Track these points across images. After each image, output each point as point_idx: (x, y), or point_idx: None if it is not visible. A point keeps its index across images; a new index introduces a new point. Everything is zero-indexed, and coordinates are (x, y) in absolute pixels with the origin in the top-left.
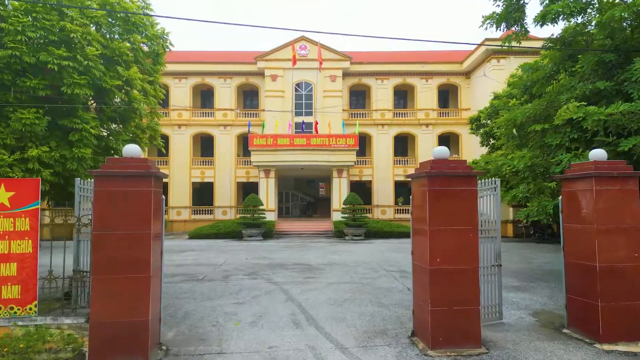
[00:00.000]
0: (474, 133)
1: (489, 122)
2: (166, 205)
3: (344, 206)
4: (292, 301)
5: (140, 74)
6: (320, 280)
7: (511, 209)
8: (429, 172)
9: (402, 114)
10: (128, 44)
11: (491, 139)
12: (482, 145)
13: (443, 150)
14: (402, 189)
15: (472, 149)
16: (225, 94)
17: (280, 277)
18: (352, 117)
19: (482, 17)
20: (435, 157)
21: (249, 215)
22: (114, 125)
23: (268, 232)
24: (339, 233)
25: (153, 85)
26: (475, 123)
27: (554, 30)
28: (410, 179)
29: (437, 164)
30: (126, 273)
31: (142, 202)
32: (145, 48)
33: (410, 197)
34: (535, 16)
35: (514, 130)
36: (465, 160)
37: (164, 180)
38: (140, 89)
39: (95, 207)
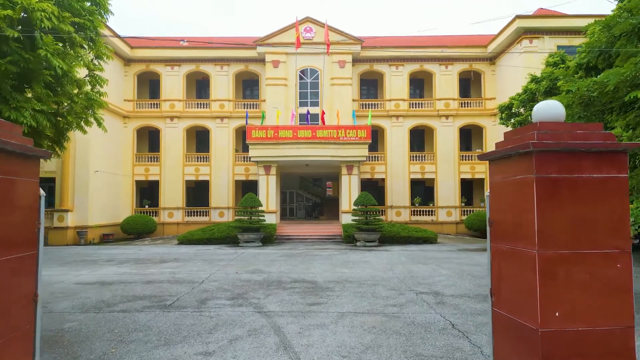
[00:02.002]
0: (504, 123)
1: (521, 110)
2: (157, 205)
3: (355, 207)
4: (287, 350)
5: (51, 4)
6: (328, 309)
7: None
8: (539, 145)
9: (419, 104)
10: None
11: None
12: None
13: (555, 106)
14: (418, 188)
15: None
16: (222, 83)
17: (275, 303)
18: (362, 107)
19: None
20: (541, 118)
21: (245, 217)
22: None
23: (268, 237)
24: (349, 238)
25: (85, 32)
26: (506, 112)
27: None
28: (486, 160)
29: (550, 129)
30: None
31: None
32: None
33: (487, 192)
34: None
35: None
36: (600, 124)
37: (154, 177)
38: (50, 27)
39: None
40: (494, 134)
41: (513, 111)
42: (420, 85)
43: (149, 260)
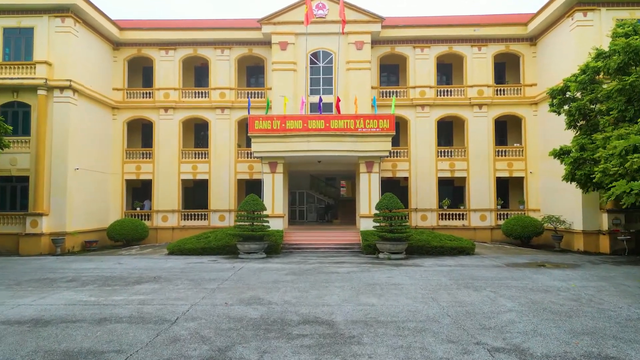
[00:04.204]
0: (555, 111)
1: (578, 94)
2: (150, 208)
3: (377, 211)
4: None
5: None
6: None
7: (605, 215)
8: None
9: (447, 91)
10: None
11: (581, 119)
12: (569, 127)
13: None
14: (446, 188)
15: (537, 136)
16: (223, 69)
17: None
18: (383, 96)
19: None
20: None
21: (247, 223)
22: None
23: (273, 246)
24: (369, 248)
25: None
26: (559, 97)
27: None
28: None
29: None
30: None
31: None
32: None
33: None
34: None
35: None
36: None
37: (147, 176)
38: None
39: None
40: (535, 125)
41: (567, 96)
42: (448, 70)
43: (122, 280)
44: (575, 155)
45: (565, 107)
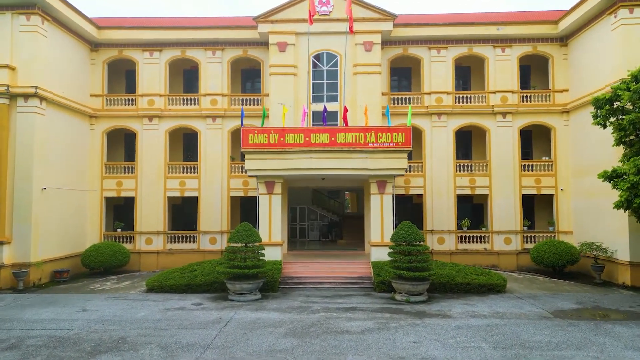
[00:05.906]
0: (600, 123)
1: (629, 105)
2: (132, 229)
3: (393, 243)
4: None
5: None
6: None
7: None
8: None
9: (467, 98)
10: None
11: (633, 134)
12: (618, 144)
13: None
14: (464, 207)
15: (569, 149)
16: (215, 73)
17: None
18: (394, 103)
19: None
20: None
21: (238, 258)
22: None
23: (270, 284)
24: (383, 285)
25: None
26: (607, 107)
27: None
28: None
29: None
30: None
31: None
32: None
33: None
34: None
35: None
36: None
37: (129, 193)
38: None
39: None
40: (566, 136)
41: (616, 107)
42: (466, 74)
43: (74, 349)
44: (633, 180)
45: (612, 119)
